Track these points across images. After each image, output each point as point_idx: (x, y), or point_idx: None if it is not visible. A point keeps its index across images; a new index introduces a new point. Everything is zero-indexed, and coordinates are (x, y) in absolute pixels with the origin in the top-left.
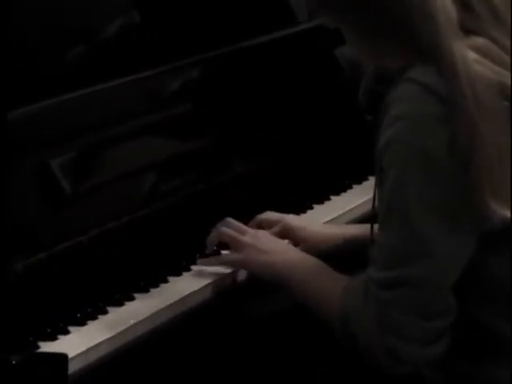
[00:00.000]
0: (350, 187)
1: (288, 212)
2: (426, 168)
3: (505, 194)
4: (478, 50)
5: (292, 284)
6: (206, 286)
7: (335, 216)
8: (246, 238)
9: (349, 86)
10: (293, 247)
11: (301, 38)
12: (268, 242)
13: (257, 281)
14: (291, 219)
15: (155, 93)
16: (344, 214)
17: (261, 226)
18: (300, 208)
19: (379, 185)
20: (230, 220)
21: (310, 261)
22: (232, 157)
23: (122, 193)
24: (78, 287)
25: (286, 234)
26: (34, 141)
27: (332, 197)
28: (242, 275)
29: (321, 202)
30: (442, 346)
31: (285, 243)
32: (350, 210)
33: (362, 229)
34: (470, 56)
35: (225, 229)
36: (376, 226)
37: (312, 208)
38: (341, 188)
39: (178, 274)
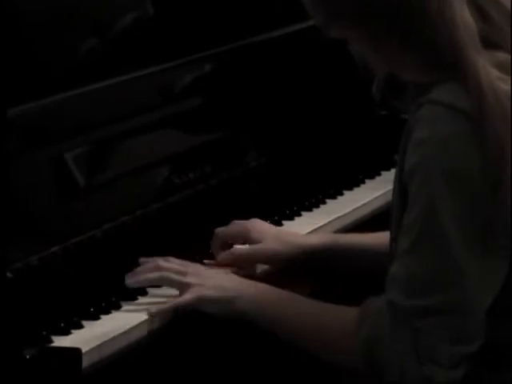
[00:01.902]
0: (363, 182)
1: (302, 207)
2: (457, 191)
3: None
4: (499, 66)
5: (256, 318)
6: None
7: (348, 211)
8: (190, 279)
9: (362, 80)
10: (239, 278)
11: (313, 32)
12: (215, 278)
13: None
14: (250, 223)
15: (168, 87)
16: (357, 208)
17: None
18: (313, 203)
19: (400, 207)
20: (170, 260)
21: (269, 291)
22: (245, 151)
23: (135, 187)
24: (91, 281)
25: (243, 233)
26: (48, 134)
27: (345, 191)
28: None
29: (334, 196)
30: (466, 367)
31: (231, 276)
32: (363, 204)
33: (325, 239)
34: (493, 73)
35: (166, 273)
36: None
37: (325, 203)
38: (354, 183)
39: None
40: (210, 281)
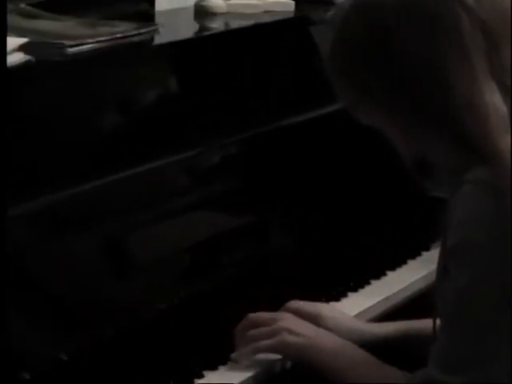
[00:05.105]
0: (405, 262)
1: (347, 288)
2: (496, 271)
3: None
4: None
5: (334, 371)
6: None
7: (394, 292)
8: (279, 323)
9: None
10: (328, 332)
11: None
12: (302, 326)
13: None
14: (323, 307)
15: (198, 172)
16: (402, 289)
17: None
18: (359, 283)
19: (442, 282)
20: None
21: (350, 347)
22: (288, 233)
23: (179, 268)
24: (146, 365)
25: (313, 319)
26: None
27: (388, 272)
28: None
29: (378, 277)
30: None
31: (318, 328)
32: (408, 285)
33: (393, 327)
34: None
35: (254, 315)
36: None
37: (370, 283)
38: (396, 263)
39: None
40: (298, 327)
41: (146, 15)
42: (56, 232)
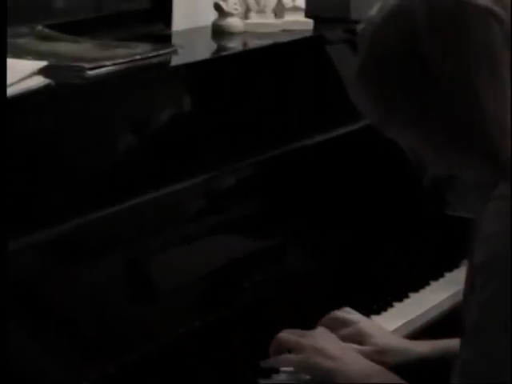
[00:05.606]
0: (428, 284)
1: (371, 311)
2: None
3: None
4: None
5: None
6: None
7: (417, 314)
8: (306, 340)
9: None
10: (359, 356)
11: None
12: (332, 347)
13: None
14: (366, 324)
15: (211, 196)
16: (426, 311)
17: (334, 322)
18: (382, 306)
19: (469, 300)
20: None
21: (377, 371)
22: (308, 255)
23: (197, 292)
24: None
25: (357, 338)
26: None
27: (411, 294)
28: None
29: (401, 299)
30: None
31: (351, 349)
32: (432, 307)
33: (435, 346)
34: None
35: (284, 334)
36: None
37: (393, 306)
38: (419, 285)
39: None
40: (328, 348)
41: (163, 36)
42: (73, 260)
